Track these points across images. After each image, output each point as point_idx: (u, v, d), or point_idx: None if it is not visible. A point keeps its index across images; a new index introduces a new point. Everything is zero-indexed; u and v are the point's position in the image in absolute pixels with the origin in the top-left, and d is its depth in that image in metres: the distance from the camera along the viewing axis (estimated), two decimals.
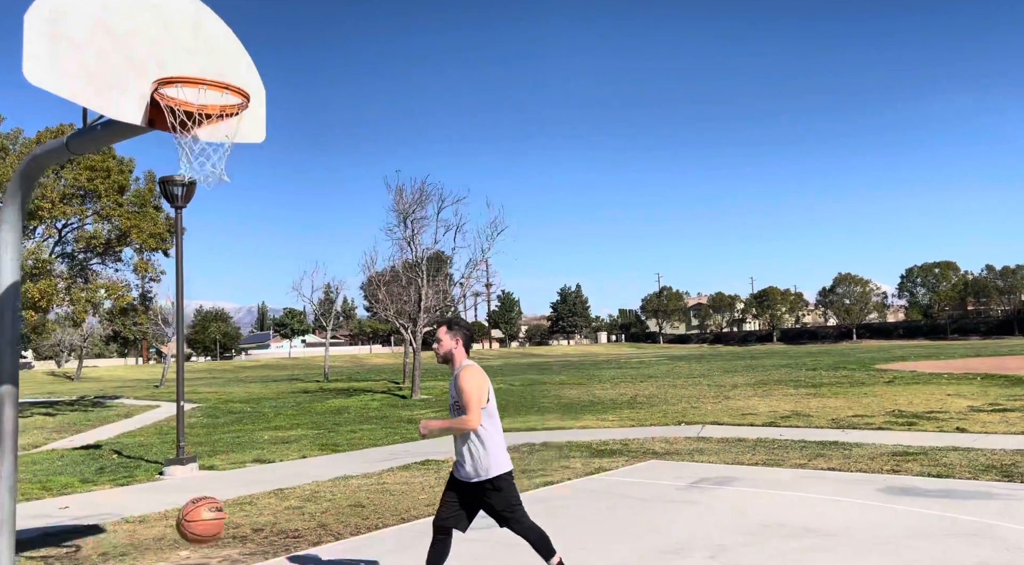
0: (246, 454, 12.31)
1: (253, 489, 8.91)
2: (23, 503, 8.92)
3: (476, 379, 4.27)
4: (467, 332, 4.49)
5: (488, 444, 4.31)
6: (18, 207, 5.12)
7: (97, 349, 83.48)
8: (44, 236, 20.82)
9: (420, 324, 22.95)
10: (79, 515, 7.97)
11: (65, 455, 13.50)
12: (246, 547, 6.25)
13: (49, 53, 3.90)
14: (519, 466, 9.76)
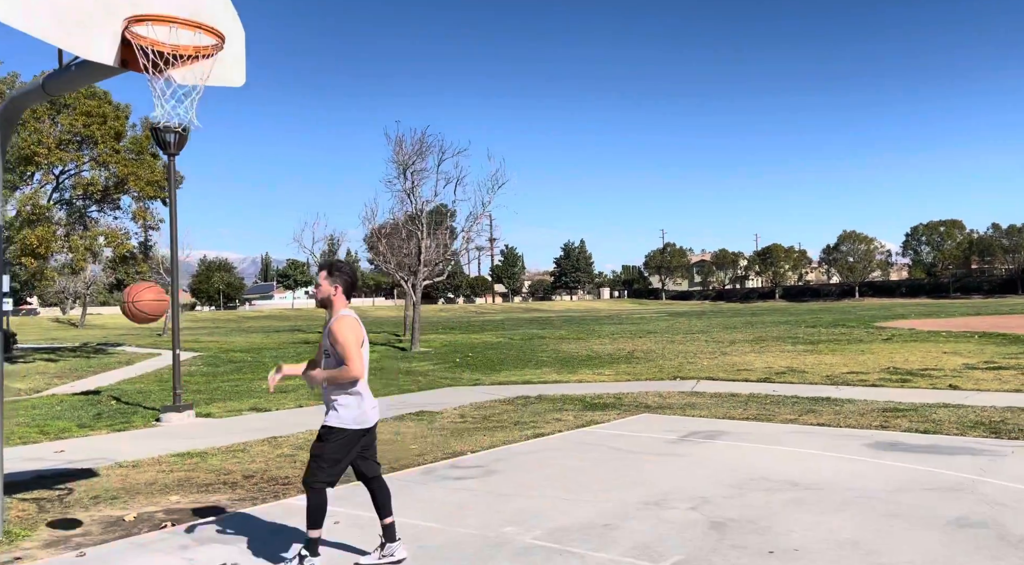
0: (243, 402, 12.43)
1: (247, 437, 9.00)
2: (20, 446, 9.04)
3: (353, 329, 4.14)
4: (348, 278, 4.32)
5: (347, 399, 4.19)
6: (2, 150, 5.04)
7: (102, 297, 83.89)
8: (42, 182, 20.71)
9: (420, 277, 22.94)
10: (74, 459, 8.06)
11: (64, 400, 13.63)
12: (235, 493, 6.32)
13: None
14: (512, 419, 9.84)
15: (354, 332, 4.13)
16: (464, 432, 8.86)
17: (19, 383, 16.79)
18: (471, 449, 7.80)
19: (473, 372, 16.66)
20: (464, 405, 11.27)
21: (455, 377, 15.73)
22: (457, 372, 16.79)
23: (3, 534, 5.14)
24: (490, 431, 8.86)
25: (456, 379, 15.34)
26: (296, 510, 5.68)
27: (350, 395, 4.21)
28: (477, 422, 9.62)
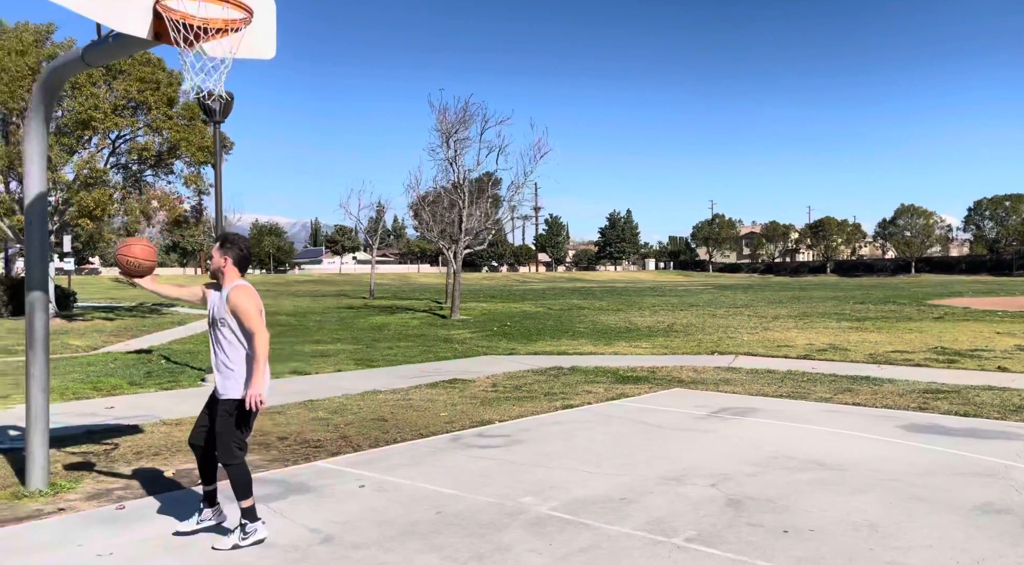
0: (285, 365, 12.76)
1: (285, 399, 9.27)
2: (73, 402, 9.47)
3: (251, 298, 4.21)
4: (240, 251, 4.34)
5: (244, 367, 4.23)
6: (42, 119, 5.22)
7: (160, 259, 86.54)
8: (99, 146, 21.31)
9: (461, 246, 23.07)
10: (122, 416, 8.43)
11: (118, 358, 14.19)
12: (269, 454, 6.55)
13: None
14: (543, 389, 9.92)
15: (253, 301, 4.22)
16: (494, 401, 8.98)
17: (77, 340, 17.51)
18: (499, 418, 7.91)
19: (510, 341, 16.78)
20: (497, 374, 11.40)
21: (491, 346, 15.87)
22: (494, 341, 16.93)
23: (49, 486, 5.44)
24: (519, 401, 8.96)
25: (492, 348, 15.48)
26: (325, 472, 5.88)
27: (248, 364, 4.23)
28: (508, 392, 9.73)
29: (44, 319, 5.48)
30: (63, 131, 20.13)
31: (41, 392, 5.48)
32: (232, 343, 4.25)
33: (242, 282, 4.30)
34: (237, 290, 4.22)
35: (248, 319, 4.16)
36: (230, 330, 4.23)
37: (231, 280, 4.30)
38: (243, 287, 4.26)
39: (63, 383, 10.99)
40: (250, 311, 4.17)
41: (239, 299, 4.18)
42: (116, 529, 4.55)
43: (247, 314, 4.16)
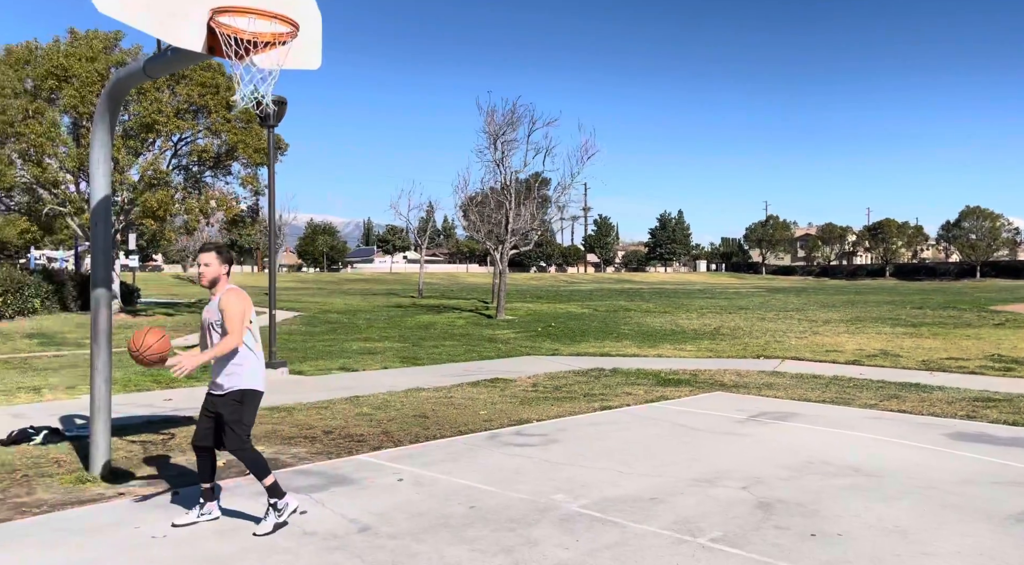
0: (333, 362, 13.13)
1: (332, 395, 9.57)
2: (135, 394, 9.95)
3: (241, 302, 4.46)
4: (231, 260, 4.67)
5: (248, 363, 4.52)
6: (107, 126, 5.56)
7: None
8: (162, 149, 22.15)
9: (507, 246, 23.26)
10: (179, 407, 8.83)
11: (176, 352, 14.76)
12: (314, 447, 6.80)
13: None
14: (583, 390, 10.02)
15: (241, 305, 4.46)
16: (533, 401, 9.12)
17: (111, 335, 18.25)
18: (537, 417, 8.04)
19: (553, 342, 16.89)
20: (538, 374, 11.53)
21: (535, 346, 16.00)
22: (537, 341, 17.06)
23: (109, 472, 5.78)
24: (559, 401, 9.08)
25: (535, 348, 15.61)
26: (366, 465, 6.10)
27: (255, 357, 4.57)
28: (548, 392, 9.85)
29: (107, 314, 5.83)
30: (129, 134, 20.99)
31: (104, 383, 5.83)
32: (246, 340, 4.54)
33: (234, 287, 4.59)
34: (229, 293, 4.50)
35: (230, 320, 4.41)
36: (222, 334, 4.50)
37: (224, 285, 4.57)
38: (236, 291, 4.55)
39: (126, 375, 11.53)
40: (235, 314, 4.43)
41: (230, 301, 4.46)
42: (170, 514, 4.83)
43: (231, 316, 4.42)
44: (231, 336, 4.42)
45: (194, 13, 4.32)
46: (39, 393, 9.86)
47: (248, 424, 4.57)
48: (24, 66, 20.86)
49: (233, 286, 4.59)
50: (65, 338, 17.08)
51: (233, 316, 4.43)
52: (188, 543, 4.30)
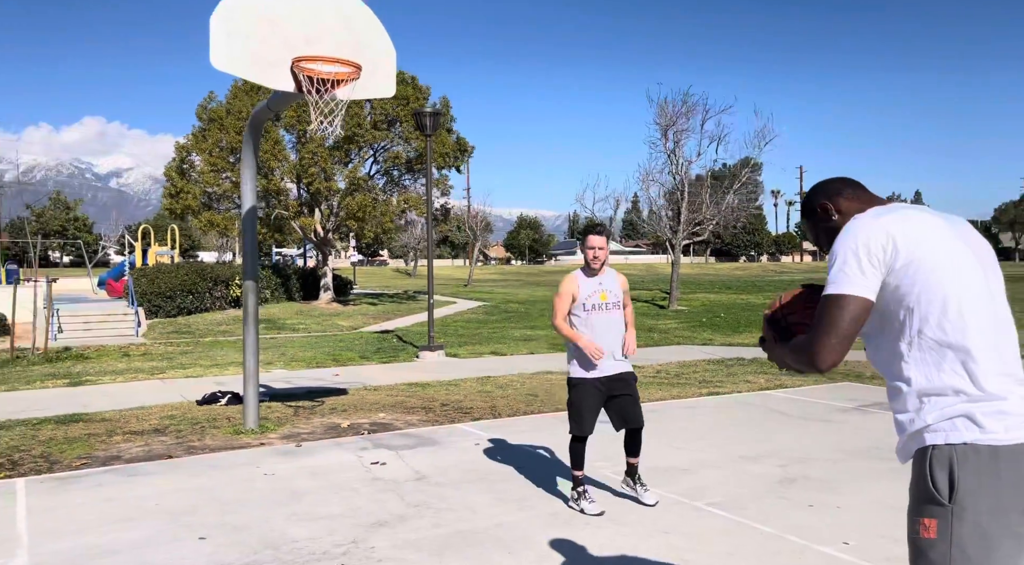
0: (487, 347, 14.32)
1: (468, 374, 10.68)
2: (313, 369, 11.76)
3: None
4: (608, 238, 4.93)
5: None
6: (252, 150, 6.98)
7: (439, 251, 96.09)
8: (362, 157, 24.87)
9: (680, 236, 23.23)
10: (340, 381, 10.39)
11: (364, 337, 16.85)
12: (427, 416, 7.88)
13: (227, 45, 5.41)
14: (701, 377, 10.24)
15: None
16: (646, 385, 9.54)
17: (344, 321, 20.84)
18: None
19: (712, 332, 16.84)
20: (671, 362, 11.83)
21: (690, 336, 16.11)
22: (696, 331, 17.10)
23: (259, 427, 7.24)
24: (669, 387, 9.43)
25: (690, 338, 15.73)
26: (457, 432, 7.03)
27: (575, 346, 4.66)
28: (667, 378, 10.20)
29: (255, 302, 7.29)
30: (336, 146, 23.84)
31: (252, 357, 7.31)
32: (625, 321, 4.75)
33: (610, 270, 4.80)
34: (620, 274, 4.81)
35: (627, 295, 4.79)
36: (622, 310, 4.71)
37: (607, 266, 4.77)
38: (616, 272, 4.81)
39: (315, 355, 13.55)
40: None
41: (623, 280, 4.79)
42: (287, 459, 6.09)
43: (627, 293, 4.81)
44: (630, 310, 4.76)
45: (283, 63, 5.47)
46: (242, 367, 12.00)
47: (571, 410, 4.74)
48: (256, 91, 24.45)
49: (611, 270, 4.79)
50: (285, 323, 20.00)
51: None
52: (284, 479, 5.48)
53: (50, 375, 11.35)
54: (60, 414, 8.03)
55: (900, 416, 1.88)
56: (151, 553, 4.05)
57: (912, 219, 1.86)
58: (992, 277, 1.88)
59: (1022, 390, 1.79)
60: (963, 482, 1.70)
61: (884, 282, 1.83)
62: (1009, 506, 1.69)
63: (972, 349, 1.77)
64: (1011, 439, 1.71)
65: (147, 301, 20.33)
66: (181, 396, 9.14)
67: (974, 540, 1.69)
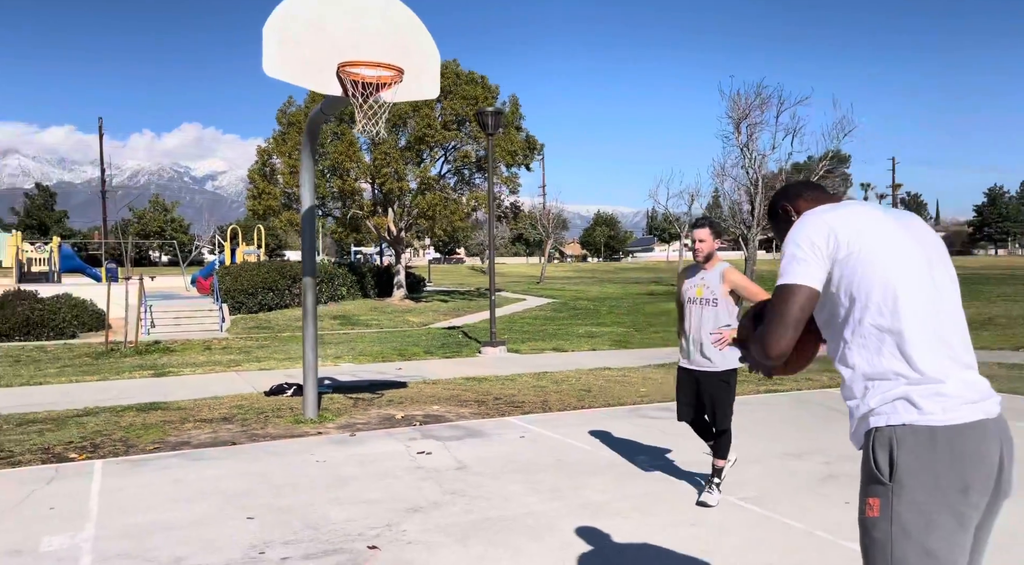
0: (549, 343, 14.42)
1: (525, 370, 10.81)
2: (378, 363, 12.13)
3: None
4: (721, 233, 4.79)
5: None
6: (309, 152, 7.31)
7: (515, 249, 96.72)
8: (433, 157, 25.35)
9: (753, 231, 22.72)
10: (402, 375, 10.71)
11: (431, 332, 17.22)
12: (479, 409, 8.05)
13: (279, 52, 5.71)
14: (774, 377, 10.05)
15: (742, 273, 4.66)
16: None
17: (414, 318, 21.35)
18: None
19: None
20: None
21: None
22: None
23: (318, 417, 7.58)
24: None
25: None
26: (505, 425, 7.18)
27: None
28: None
29: (313, 297, 7.62)
30: (408, 146, 24.40)
31: (311, 351, 7.64)
32: (733, 314, 4.61)
33: (725, 262, 4.69)
34: (732, 268, 4.65)
35: (753, 294, 4.47)
36: (724, 305, 4.58)
37: (717, 259, 4.66)
38: (731, 265, 4.69)
39: (382, 349, 13.97)
40: (749, 281, 4.57)
41: (736, 274, 4.60)
42: (340, 447, 6.37)
43: (748, 286, 4.53)
44: (762, 294, 4.29)
45: (331, 68, 5.73)
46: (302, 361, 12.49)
47: (733, 402, 4.68)
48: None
49: (724, 262, 4.67)
50: (358, 319, 20.63)
51: (750, 285, 4.52)
52: (334, 466, 5.75)
53: (138, 366, 12.12)
54: (142, 402, 8.60)
55: (849, 403, 1.92)
56: (203, 530, 4.35)
57: (855, 214, 1.94)
58: (939, 269, 1.94)
59: (964, 374, 1.83)
60: (902, 462, 1.76)
61: (830, 274, 1.90)
62: (947, 484, 1.74)
63: (910, 333, 1.82)
64: (948, 420, 1.77)
65: (230, 298, 21.34)
66: (252, 387, 9.63)
67: (912, 517, 1.74)
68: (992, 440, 1.79)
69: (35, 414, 7.96)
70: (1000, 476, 1.82)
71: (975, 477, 1.75)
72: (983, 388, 1.85)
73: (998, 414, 1.85)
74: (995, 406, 1.84)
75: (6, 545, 4.13)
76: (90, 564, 3.85)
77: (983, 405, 1.81)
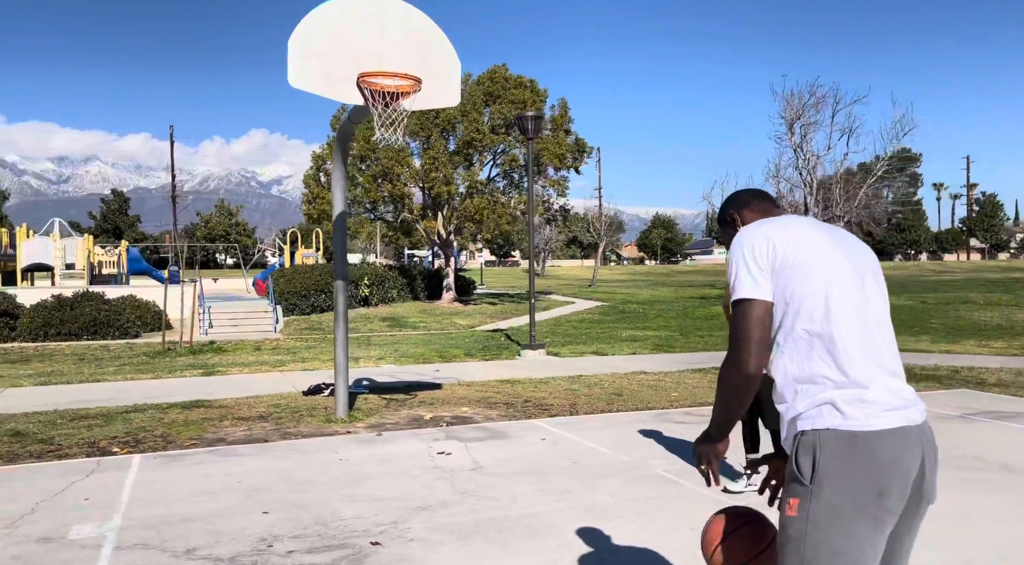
0: (591, 346, 14.40)
1: (560, 373, 10.85)
2: (419, 365, 12.34)
3: None
4: None
5: None
6: (341, 159, 7.53)
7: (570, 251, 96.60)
8: (481, 161, 25.57)
9: None
10: (439, 376, 10.87)
11: (475, 334, 17.39)
12: (506, 411, 8.14)
13: (302, 64, 5.92)
14: None
15: None
16: None
17: (462, 321, 21.57)
18: None
19: None
20: None
21: None
22: None
23: (348, 416, 7.78)
24: None
25: None
26: (529, 427, 7.24)
27: None
28: None
29: (344, 299, 7.83)
30: (456, 151, 24.68)
31: (342, 352, 7.86)
32: None
33: None
34: None
35: None
36: None
37: None
38: None
39: (424, 351, 14.19)
40: None
41: None
42: (366, 447, 6.55)
43: None
44: None
45: (352, 78, 5.90)
46: (356, 361, 12.77)
47: None
48: None
49: None
50: (407, 321, 20.98)
51: None
52: (354, 465, 5.92)
53: (190, 365, 12.62)
54: (187, 400, 8.97)
55: (780, 407, 1.94)
56: (219, 522, 4.56)
57: (791, 227, 1.99)
58: (870, 281, 1.98)
59: (890, 381, 1.84)
60: (822, 464, 1.80)
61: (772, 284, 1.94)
62: (864, 489, 1.76)
63: (838, 338, 1.85)
64: (870, 426, 1.79)
65: (284, 300, 21.96)
66: (293, 387, 9.93)
67: (827, 517, 1.78)
68: (913, 447, 1.80)
69: (88, 410, 8.40)
70: (922, 483, 1.83)
71: (892, 482, 1.77)
72: (908, 395, 1.87)
73: (922, 421, 1.86)
74: (918, 414, 1.86)
75: (39, 533, 4.41)
76: (110, 552, 4.08)
77: (906, 412, 1.83)
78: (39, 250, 24.94)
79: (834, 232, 2.03)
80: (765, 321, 1.89)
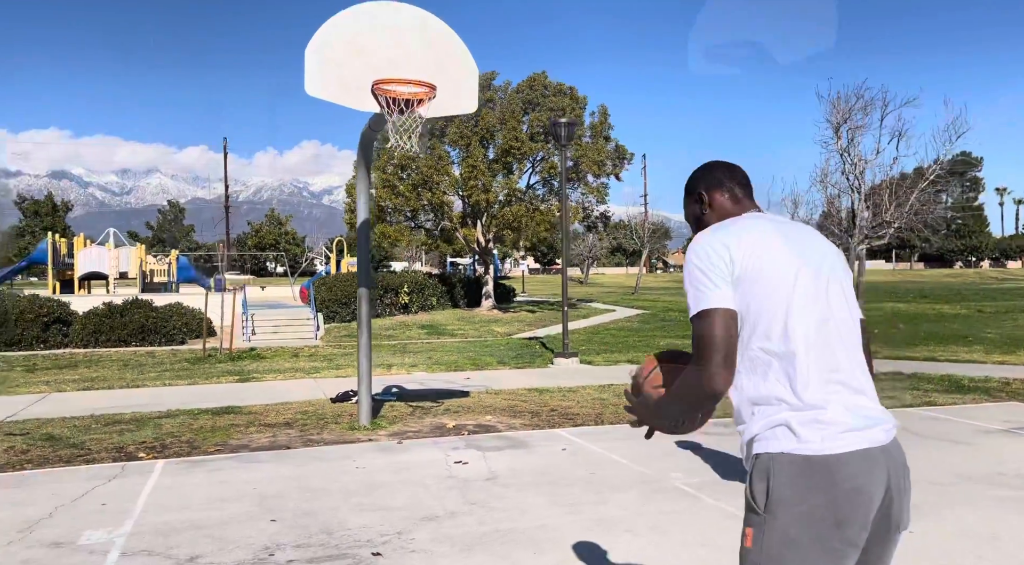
0: (626, 355, 14.20)
1: (591, 381, 10.70)
2: (450, 373, 12.32)
3: None
4: None
5: None
6: (365, 166, 7.56)
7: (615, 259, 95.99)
8: (520, 169, 25.55)
9: (854, 241, 21.52)
10: (469, 384, 10.83)
11: (510, 343, 17.32)
12: (531, 420, 8.04)
13: (320, 73, 5.95)
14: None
15: None
16: None
17: (500, 328, 21.53)
18: None
19: (881, 344, 15.48)
20: None
21: None
22: None
23: (371, 423, 7.78)
24: None
25: None
26: (552, 437, 7.14)
27: None
28: None
29: (367, 307, 7.85)
30: (495, 159, 24.72)
31: (365, 359, 7.87)
32: None
33: None
34: None
35: None
36: None
37: None
38: None
39: (457, 359, 14.18)
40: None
41: None
42: (384, 455, 6.52)
43: None
44: None
45: (368, 87, 5.91)
46: (389, 369, 12.83)
47: None
48: None
49: None
50: (444, 329, 21.03)
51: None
52: (369, 473, 5.89)
53: (228, 372, 12.83)
54: (218, 406, 9.10)
55: (739, 427, 1.82)
56: (227, 530, 4.57)
57: (749, 232, 1.84)
58: (834, 290, 1.83)
59: (852, 399, 1.70)
60: (775, 491, 1.67)
61: None
62: (820, 517, 1.62)
63: (795, 358, 1.72)
64: (826, 449, 1.65)
65: (325, 307, 22.23)
66: (323, 393, 9.99)
67: (782, 549, 1.65)
68: (877, 470, 1.66)
69: (122, 415, 8.58)
70: (889, 509, 1.69)
71: (853, 510, 1.63)
72: (872, 413, 1.73)
73: (888, 441, 1.71)
74: (883, 433, 1.71)
75: (52, 537, 4.48)
76: (116, 558, 4.12)
77: (869, 432, 1.68)
78: (95, 259, 25.77)
79: (797, 234, 1.89)
80: (731, 330, 1.75)
